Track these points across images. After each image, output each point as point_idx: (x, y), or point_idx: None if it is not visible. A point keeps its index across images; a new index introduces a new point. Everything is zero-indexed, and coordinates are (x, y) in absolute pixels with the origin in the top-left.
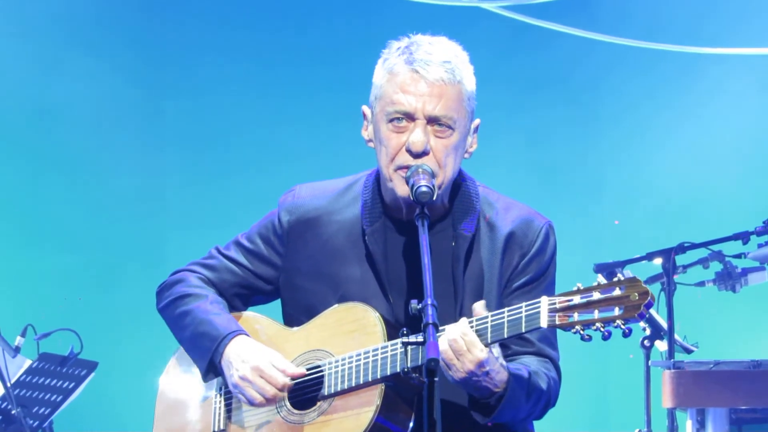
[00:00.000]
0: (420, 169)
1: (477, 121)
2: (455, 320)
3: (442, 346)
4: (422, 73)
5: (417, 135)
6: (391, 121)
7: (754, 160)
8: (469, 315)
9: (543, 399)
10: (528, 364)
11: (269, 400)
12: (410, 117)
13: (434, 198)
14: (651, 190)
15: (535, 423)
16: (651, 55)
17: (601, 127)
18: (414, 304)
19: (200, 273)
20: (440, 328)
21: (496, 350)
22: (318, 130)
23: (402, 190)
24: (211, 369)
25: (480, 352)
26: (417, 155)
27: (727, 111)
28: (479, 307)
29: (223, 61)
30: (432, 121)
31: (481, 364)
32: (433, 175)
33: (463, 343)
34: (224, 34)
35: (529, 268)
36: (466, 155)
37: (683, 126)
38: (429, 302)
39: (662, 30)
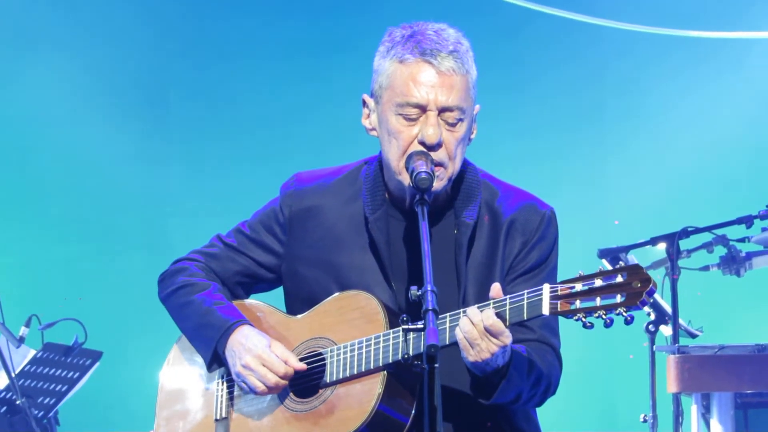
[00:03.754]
0: (420, 155)
1: (477, 108)
2: (458, 308)
3: (466, 326)
4: (434, 63)
5: (431, 128)
6: (401, 113)
7: (757, 144)
8: (472, 302)
9: (543, 382)
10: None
11: (271, 389)
12: (422, 108)
13: (438, 188)
14: (654, 174)
15: (540, 409)
16: (654, 41)
17: (605, 111)
18: (414, 290)
19: (202, 262)
20: (462, 310)
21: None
22: (320, 119)
23: (408, 180)
24: (216, 359)
25: (506, 337)
26: (431, 147)
27: (731, 95)
28: (495, 290)
29: (226, 52)
30: (443, 111)
31: (504, 349)
32: (434, 162)
33: (484, 327)
34: (227, 25)
35: (531, 254)
36: (468, 142)
37: (687, 111)
38: (429, 288)
39: (665, 16)
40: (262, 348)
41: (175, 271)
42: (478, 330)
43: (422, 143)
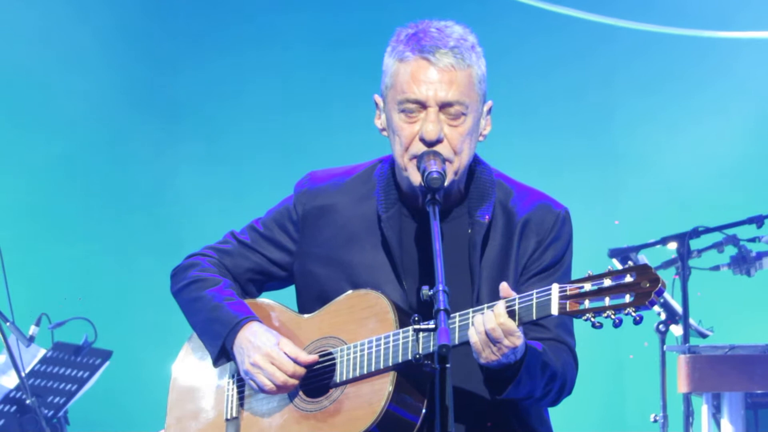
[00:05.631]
0: (431, 155)
1: (489, 103)
2: (471, 307)
3: (480, 327)
4: (432, 61)
5: (430, 124)
6: (402, 110)
7: (766, 142)
8: (485, 301)
9: (558, 380)
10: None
11: (280, 387)
12: (422, 105)
13: (446, 184)
14: (665, 174)
15: (552, 408)
16: (664, 40)
17: (616, 110)
18: (425, 290)
19: (215, 257)
20: (477, 308)
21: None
22: (333, 116)
23: (417, 178)
24: (223, 354)
25: (517, 339)
26: (431, 144)
27: (741, 95)
28: (505, 290)
29: (236, 49)
30: (444, 107)
31: (514, 350)
32: (444, 161)
33: (501, 332)
34: (237, 20)
35: (546, 255)
36: (481, 138)
37: (698, 110)
38: (440, 288)
39: (671, 13)
40: (270, 346)
41: (187, 266)
42: (491, 330)
43: (422, 140)
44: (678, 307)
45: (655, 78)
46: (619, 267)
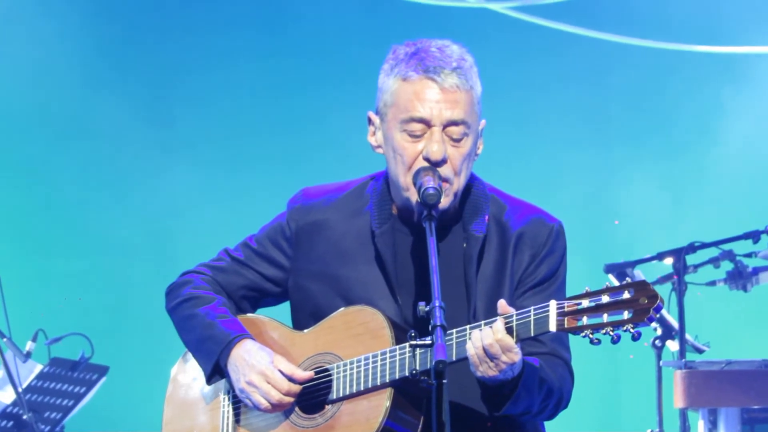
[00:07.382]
0: (428, 171)
1: (483, 123)
2: (468, 322)
3: (477, 342)
4: (437, 80)
5: (435, 144)
6: (405, 129)
7: (764, 158)
8: (482, 315)
9: (555, 395)
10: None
11: (275, 406)
12: (426, 124)
13: (446, 205)
14: (661, 189)
15: (547, 424)
16: (658, 55)
17: (609, 126)
18: (422, 306)
19: (209, 275)
20: (475, 324)
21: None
22: (327, 131)
23: (417, 198)
24: (217, 371)
25: (515, 355)
26: (436, 164)
27: (736, 109)
28: (503, 307)
29: (231, 62)
30: (447, 127)
31: (512, 366)
32: (441, 178)
33: (499, 348)
34: (231, 35)
35: (540, 268)
36: (475, 157)
37: (692, 125)
38: (436, 304)
39: (669, 29)
40: (265, 364)
41: (181, 284)
42: (488, 346)
43: (427, 159)
44: (674, 323)
45: (653, 92)
46: (616, 283)
